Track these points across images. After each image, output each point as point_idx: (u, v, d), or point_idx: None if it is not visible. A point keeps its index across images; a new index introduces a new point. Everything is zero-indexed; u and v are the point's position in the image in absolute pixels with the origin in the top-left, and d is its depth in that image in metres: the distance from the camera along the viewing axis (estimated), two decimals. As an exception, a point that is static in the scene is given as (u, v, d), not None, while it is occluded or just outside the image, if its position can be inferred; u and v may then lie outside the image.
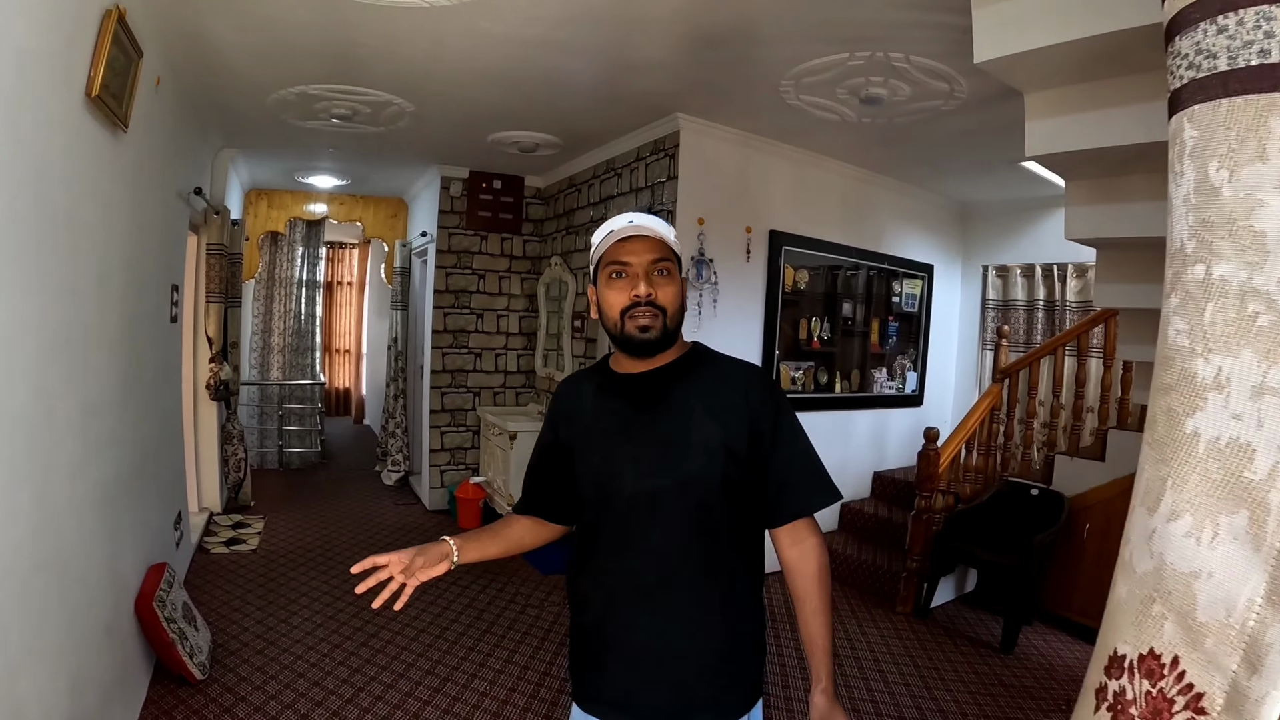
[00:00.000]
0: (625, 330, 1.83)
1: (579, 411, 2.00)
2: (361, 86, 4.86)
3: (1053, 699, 4.58)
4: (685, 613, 1.84)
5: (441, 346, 7.57)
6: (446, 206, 7.44)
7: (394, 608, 1.87)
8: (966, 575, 6.23)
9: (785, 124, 5.38)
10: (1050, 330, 7.39)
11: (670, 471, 1.82)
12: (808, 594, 1.88)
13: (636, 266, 1.81)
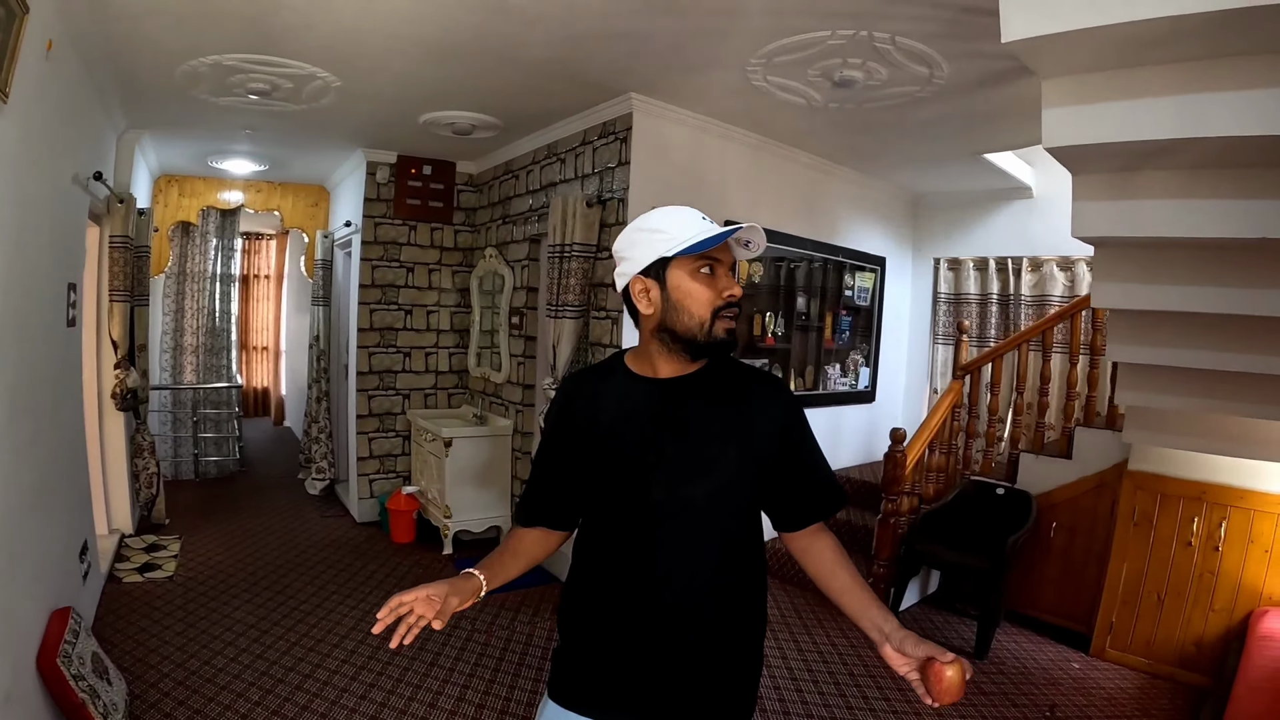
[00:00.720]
0: (713, 331, 1.77)
1: (600, 413, 1.92)
2: (282, 57, 4.41)
3: (1034, 704, 4.55)
4: (704, 619, 1.84)
5: (367, 345, 7.11)
6: (373, 194, 6.96)
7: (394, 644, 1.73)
8: (930, 576, 6.14)
9: (747, 107, 5.13)
10: (1004, 325, 7.31)
11: (704, 480, 1.80)
12: (839, 570, 1.90)
13: (725, 265, 1.78)
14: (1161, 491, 5.02)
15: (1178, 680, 4.94)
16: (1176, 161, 3.00)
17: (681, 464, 1.81)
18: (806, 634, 5.29)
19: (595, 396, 1.95)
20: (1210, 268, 3.32)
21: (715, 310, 1.77)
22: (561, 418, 2.01)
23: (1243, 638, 4.53)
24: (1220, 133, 2.59)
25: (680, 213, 1.82)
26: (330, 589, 5.48)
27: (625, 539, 1.87)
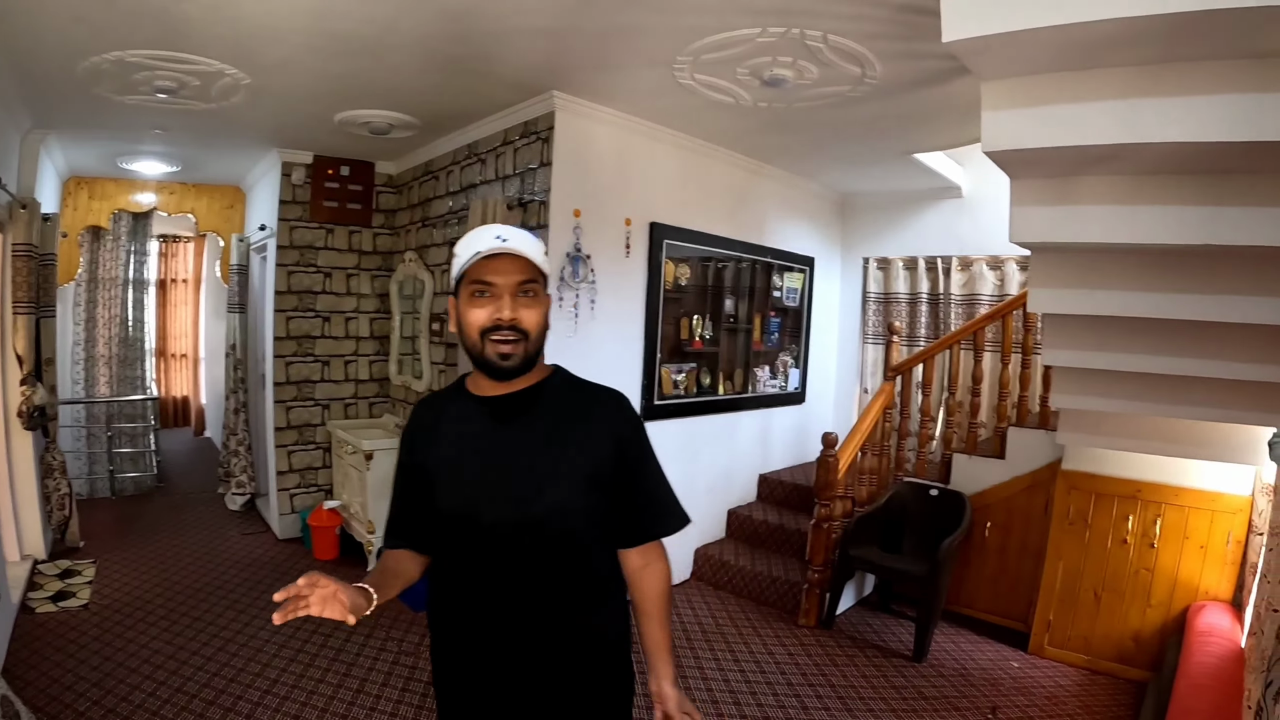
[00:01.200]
0: (485, 353, 1.81)
1: (438, 436, 1.95)
2: (188, 53, 4.18)
3: (975, 708, 4.55)
4: (553, 638, 1.88)
5: (284, 354, 6.82)
6: (288, 196, 6.67)
7: (273, 619, 1.55)
8: (865, 578, 6.12)
9: (673, 106, 5.01)
10: (934, 324, 7.30)
11: (535, 501, 1.82)
12: (654, 608, 2.03)
13: (501, 287, 1.79)
14: (1096, 490, 5.05)
15: (1117, 675, 4.98)
16: (1120, 167, 2.98)
17: (512, 485, 1.84)
18: (743, 643, 5.20)
19: (437, 418, 1.99)
20: (1148, 273, 3.31)
21: (483, 332, 1.79)
22: (408, 438, 2.04)
23: (1181, 632, 4.59)
24: (1166, 139, 2.57)
25: (477, 234, 1.85)
26: (251, 612, 5.25)
27: (468, 560, 1.89)
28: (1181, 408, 3.91)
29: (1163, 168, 2.89)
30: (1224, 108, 2.46)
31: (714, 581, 6.23)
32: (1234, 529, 4.70)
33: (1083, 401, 4.20)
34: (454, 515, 1.87)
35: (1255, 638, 3.59)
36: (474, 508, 1.83)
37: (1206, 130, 2.49)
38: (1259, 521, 4.43)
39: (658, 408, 5.77)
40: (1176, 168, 2.86)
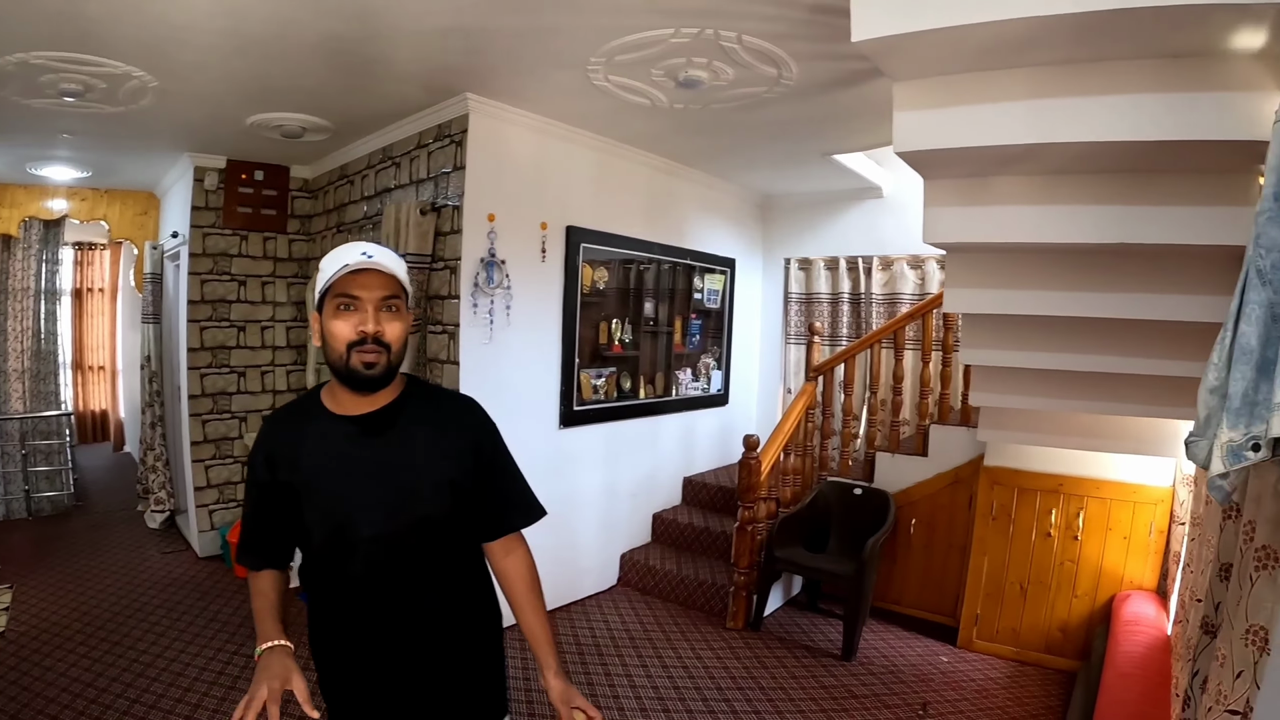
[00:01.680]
0: (350, 364, 1.84)
1: (300, 454, 1.95)
2: (94, 55, 4.03)
3: (906, 704, 4.58)
4: (433, 642, 2.01)
5: (199, 366, 6.63)
6: (201, 201, 6.47)
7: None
8: (793, 579, 6.13)
9: (588, 108, 4.95)
10: (856, 324, 7.32)
11: (407, 512, 1.92)
12: (526, 595, 2.13)
13: (366, 301, 1.84)
14: (1018, 485, 5.10)
15: (1046, 666, 5.05)
16: (1032, 167, 3.03)
17: (384, 499, 1.91)
18: (671, 649, 5.17)
19: (297, 435, 1.98)
20: (1062, 272, 3.34)
21: (350, 345, 1.83)
22: (264, 456, 2.01)
23: (1107, 621, 4.65)
24: (1077, 139, 2.60)
25: (342, 250, 1.89)
26: (171, 635, 5.08)
27: (344, 575, 1.95)
28: (1098, 403, 3.95)
29: (1075, 168, 2.92)
30: (1134, 108, 2.48)
31: (641, 587, 6.20)
32: (1156, 519, 4.78)
33: (1002, 399, 4.23)
34: (329, 530, 1.93)
35: (1181, 626, 3.64)
36: (350, 522, 1.90)
37: (1117, 130, 2.52)
38: (1180, 511, 4.49)
39: (577, 413, 5.70)
40: (1088, 167, 2.89)
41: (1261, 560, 1.87)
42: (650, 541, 6.73)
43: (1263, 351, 1.56)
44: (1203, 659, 2.49)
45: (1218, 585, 2.41)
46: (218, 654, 4.79)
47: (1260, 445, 1.55)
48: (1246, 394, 1.58)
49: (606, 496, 6.16)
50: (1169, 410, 3.73)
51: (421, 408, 2.02)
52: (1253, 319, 1.58)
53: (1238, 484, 1.84)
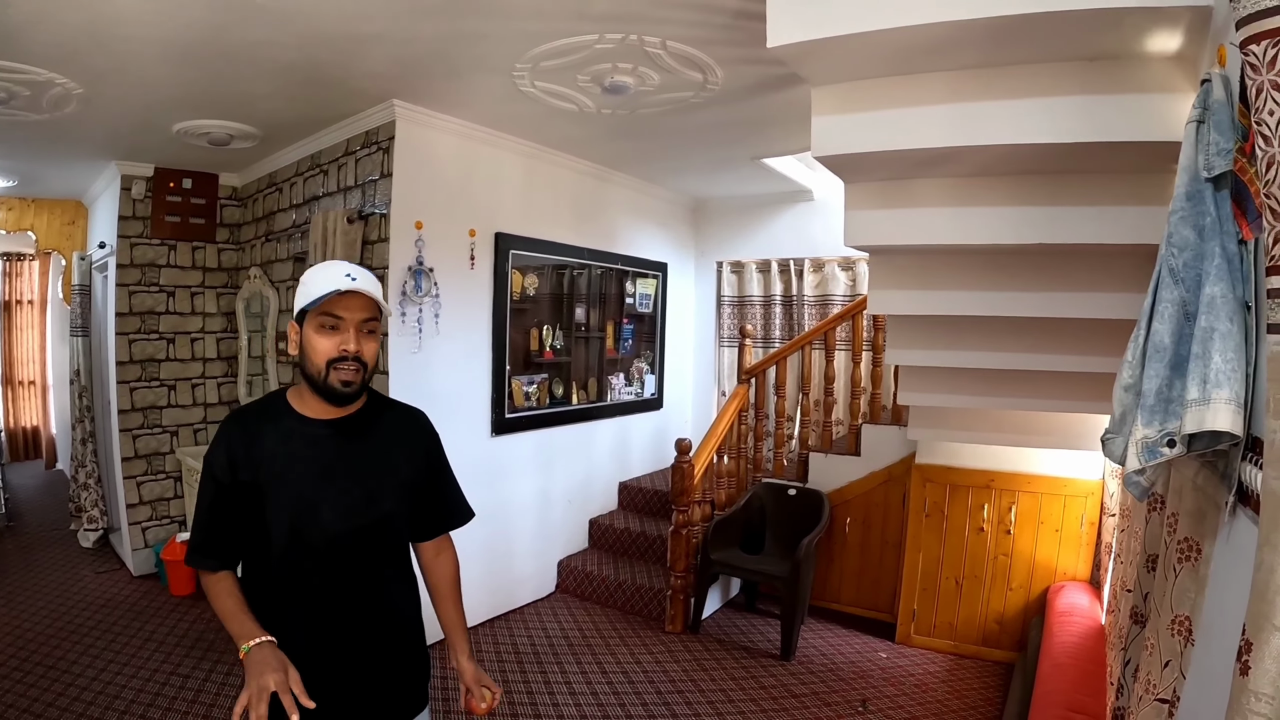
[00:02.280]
0: (328, 380, 1.97)
1: (263, 455, 2.01)
2: (14, 62, 3.95)
3: (846, 701, 4.63)
4: (382, 629, 2.14)
5: (128, 380, 6.49)
6: (128, 211, 6.33)
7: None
8: (730, 580, 6.14)
9: (516, 114, 4.93)
10: (789, 326, 7.36)
11: (370, 511, 2.07)
12: (449, 590, 2.37)
13: (348, 322, 1.97)
14: (950, 482, 5.16)
15: (983, 658, 5.13)
16: (952, 170, 3.06)
17: (350, 497, 2.04)
18: (610, 654, 5.17)
19: (261, 436, 2.04)
20: (983, 273, 3.39)
21: (329, 361, 1.96)
22: (223, 456, 2.03)
23: (1042, 613, 4.73)
24: (995, 141, 2.62)
25: (327, 270, 2.01)
26: (107, 657, 4.97)
27: (302, 570, 2.01)
28: (1024, 400, 4.01)
29: (994, 170, 2.95)
30: (1052, 110, 2.52)
31: (579, 593, 6.19)
32: (1087, 511, 4.87)
33: (930, 398, 4.28)
34: (294, 529, 1.99)
35: (1113, 615, 3.68)
36: (315, 519, 1.99)
37: (1036, 132, 2.56)
38: (1110, 503, 4.54)
39: (509, 421, 5.67)
40: (1008, 170, 2.93)
41: (1183, 552, 1.89)
42: (588, 548, 6.72)
43: (1176, 349, 1.60)
44: (1134, 648, 2.53)
45: (1145, 576, 2.44)
46: (154, 674, 4.69)
47: (1175, 441, 1.58)
48: (1160, 391, 1.61)
49: (541, 503, 6.13)
50: (1092, 405, 3.80)
51: (382, 416, 2.20)
52: (1165, 317, 1.62)
53: (1155, 479, 1.87)
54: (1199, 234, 1.59)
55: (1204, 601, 1.78)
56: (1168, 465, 2.07)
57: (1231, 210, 1.56)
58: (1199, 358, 1.48)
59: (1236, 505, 1.54)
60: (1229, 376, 1.43)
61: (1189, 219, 1.61)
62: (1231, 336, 1.45)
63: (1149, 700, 2.07)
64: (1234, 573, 1.55)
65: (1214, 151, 1.58)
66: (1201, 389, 1.46)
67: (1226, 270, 1.50)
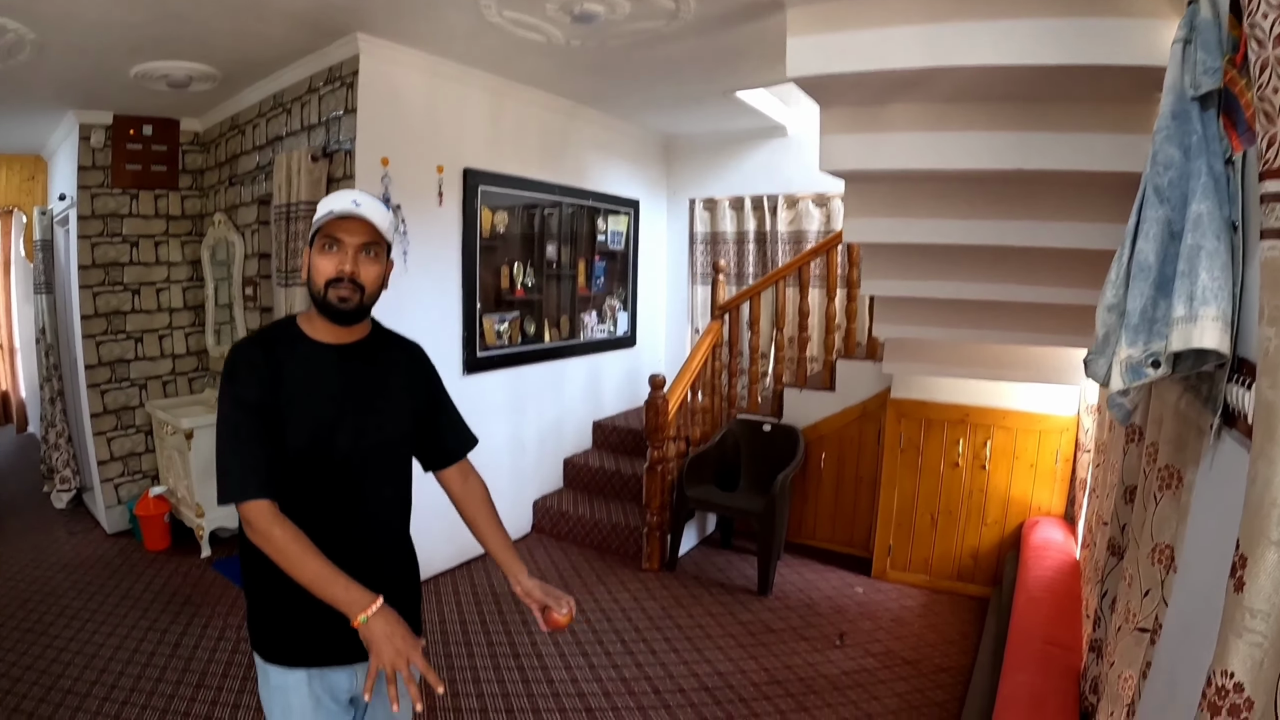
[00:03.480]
0: (326, 297, 2.01)
1: (282, 378, 2.02)
2: None
3: (823, 635, 4.67)
4: (391, 555, 2.22)
5: (94, 334, 6.35)
6: (88, 161, 6.17)
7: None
8: (707, 517, 6.17)
9: (483, 47, 4.82)
10: (762, 263, 7.33)
11: (380, 432, 2.13)
12: (489, 515, 2.39)
13: (348, 245, 2.02)
14: (925, 417, 5.16)
15: (959, 593, 5.16)
16: (928, 94, 3.02)
17: (362, 419, 2.09)
18: (588, 593, 5.19)
19: (279, 357, 2.04)
20: (959, 201, 3.36)
21: (328, 281, 2.00)
22: (249, 376, 2.01)
23: (1017, 547, 4.76)
24: (972, 63, 2.59)
25: (336, 195, 2.05)
26: (84, 616, 4.90)
27: (316, 490, 2.03)
28: (998, 333, 4.03)
29: (971, 95, 2.92)
30: (1030, 32, 2.49)
31: (554, 533, 6.21)
32: (1062, 447, 4.88)
33: (905, 330, 4.28)
34: (312, 447, 2.02)
35: (1089, 549, 3.72)
36: (329, 442, 2.03)
37: (1015, 54, 2.52)
38: (1085, 439, 4.58)
39: (481, 360, 5.63)
40: (984, 94, 2.89)
41: (1164, 480, 1.89)
42: (563, 487, 6.73)
43: (1160, 268, 1.58)
44: (1111, 580, 2.55)
45: (1123, 507, 2.45)
46: (132, 630, 4.65)
47: (1160, 362, 1.55)
48: (1145, 310, 1.59)
49: (515, 443, 6.11)
50: (1068, 339, 3.81)
51: (389, 345, 2.28)
52: (1150, 236, 1.60)
53: (1138, 401, 1.85)
54: (1185, 153, 1.57)
55: (1186, 529, 1.77)
56: (1148, 394, 2.05)
57: (1218, 130, 1.54)
58: (1185, 275, 1.45)
59: (1222, 429, 1.52)
60: (1216, 294, 1.41)
61: (1174, 138, 1.58)
62: (1219, 254, 1.42)
63: (1129, 630, 2.09)
64: (1218, 496, 1.54)
65: (1201, 70, 1.55)
66: (1188, 306, 1.43)
67: (1213, 188, 1.47)
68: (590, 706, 3.88)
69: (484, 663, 4.29)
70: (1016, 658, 3.27)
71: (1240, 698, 1.06)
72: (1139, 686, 1.93)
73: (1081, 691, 2.91)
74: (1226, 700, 1.07)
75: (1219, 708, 1.08)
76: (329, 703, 2.14)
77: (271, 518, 1.91)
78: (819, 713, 3.85)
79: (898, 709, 3.90)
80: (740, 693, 4.02)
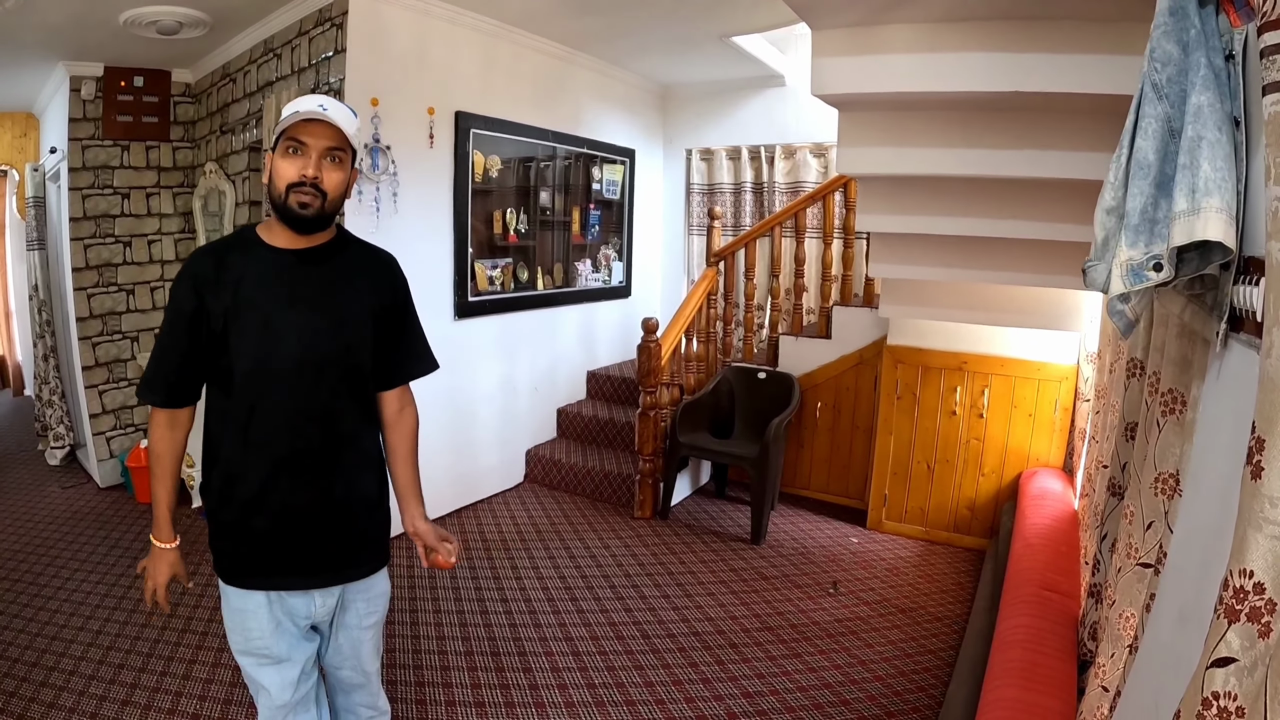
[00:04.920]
0: (287, 202, 1.96)
1: (232, 282, 2.00)
2: None
3: (816, 583, 4.65)
4: (346, 468, 2.14)
5: (85, 287, 6.30)
6: (78, 113, 6.08)
7: None
8: (700, 467, 6.15)
9: (474, -14, 4.72)
10: (759, 213, 7.26)
11: (335, 338, 2.06)
12: (408, 449, 2.35)
13: (311, 148, 1.95)
14: (923, 364, 5.11)
15: (955, 545, 5.14)
16: (922, 13, 2.93)
17: (315, 323, 2.04)
18: (579, 540, 5.17)
19: (227, 265, 2.02)
20: (956, 129, 3.28)
21: (289, 185, 1.94)
22: (189, 284, 2.02)
23: (1015, 498, 4.71)
24: None
25: (302, 99, 1.99)
26: (73, 566, 4.89)
27: (266, 400, 2.02)
28: (998, 273, 3.95)
29: (966, 12, 2.84)
30: None
31: (547, 482, 6.19)
32: (1061, 396, 4.82)
33: (901, 270, 4.22)
34: (259, 355, 1.99)
35: (1087, 498, 3.68)
36: (283, 346, 2.00)
37: None
38: (1085, 388, 4.51)
39: (472, 304, 5.57)
40: (980, 13, 2.82)
41: (1167, 405, 1.85)
42: (556, 437, 6.71)
43: (1160, 167, 1.50)
44: (1110, 521, 2.52)
45: (1124, 446, 2.41)
46: (119, 580, 4.63)
47: (1162, 265, 1.48)
48: (1145, 210, 1.51)
49: (507, 391, 6.07)
50: (1068, 280, 3.73)
51: (350, 250, 2.19)
52: (1149, 133, 1.52)
53: (1140, 311, 1.78)
54: (1183, 49, 1.49)
55: (1191, 450, 1.72)
56: (1149, 321, 1.99)
57: (1216, 25, 1.46)
58: (1186, 168, 1.37)
59: (1228, 335, 1.44)
60: (1219, 185, 1.33)
61: (1172, 33, 1.50)
62: (1221, 145, 1.34)
63: (1130, 567, 2.05)
64: (1226, 405, 1.48)
65: None
66: (1190, 199, 1.35)
67: (1213, 81, 1.40)
68: (578, 650, 3.86)
69: (471, 607, 4.26)
70: (1013, 603, 3.24)
71: (1261, 599, 0.97)
72: (1141, 621, 1.88)
73: (1080, 639, 2.87)
74: (1246, 603, 0.98)
75: (1237, 612, 0.99)
76: (289, 625, 2.15)
77: (161, 424, 2.09)
78: (810, 658, 3.83)
79: (891, 655, 3.88)
80: (730, 638, 3.99)
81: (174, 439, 2.12)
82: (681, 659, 3.78)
